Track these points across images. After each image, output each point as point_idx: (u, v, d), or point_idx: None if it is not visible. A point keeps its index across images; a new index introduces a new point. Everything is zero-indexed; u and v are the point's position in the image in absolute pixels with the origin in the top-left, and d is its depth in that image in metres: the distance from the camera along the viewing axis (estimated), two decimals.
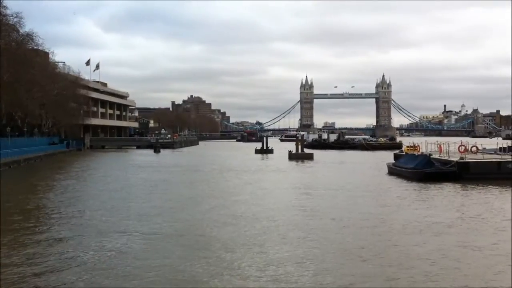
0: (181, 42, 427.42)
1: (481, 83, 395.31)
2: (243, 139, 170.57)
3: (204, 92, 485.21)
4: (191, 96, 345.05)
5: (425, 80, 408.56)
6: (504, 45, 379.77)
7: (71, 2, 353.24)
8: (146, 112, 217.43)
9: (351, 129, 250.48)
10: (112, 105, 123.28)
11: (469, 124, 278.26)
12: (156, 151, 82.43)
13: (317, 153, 65.91)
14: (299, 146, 64.03)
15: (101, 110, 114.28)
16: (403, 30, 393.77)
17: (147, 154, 75.09)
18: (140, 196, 26.21)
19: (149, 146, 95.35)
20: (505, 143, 52.05)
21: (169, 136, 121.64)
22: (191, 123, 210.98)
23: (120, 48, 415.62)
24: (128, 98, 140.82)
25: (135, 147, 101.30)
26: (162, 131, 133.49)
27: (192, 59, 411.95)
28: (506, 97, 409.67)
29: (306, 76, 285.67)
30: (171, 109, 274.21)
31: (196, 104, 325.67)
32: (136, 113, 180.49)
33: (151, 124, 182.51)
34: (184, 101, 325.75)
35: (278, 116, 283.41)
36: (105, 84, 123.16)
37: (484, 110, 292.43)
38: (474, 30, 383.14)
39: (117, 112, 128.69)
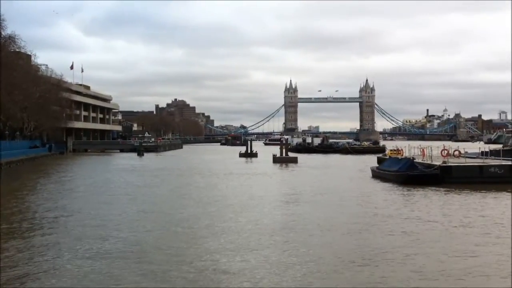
0: (162, 45, 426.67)
1: (462, 88, 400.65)
2: (228, 142, 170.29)
3: (188, 96, 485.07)
4: (175, 99, 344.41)
5: (407, 85, 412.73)
6: (483, 50, 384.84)
7: (50, 4, 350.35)
8: (129, 115, 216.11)
9: (335, 133, 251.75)
10: (95, 108, 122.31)
11: (452, 129, 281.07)
12: (140, 154, 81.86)
13: (301, 157, 66.03)
14: (283, 150, 64.09)
15: (84, 113, 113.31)
16: (383, 35, 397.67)
17: (130, 158, 74.58)
18: (115, 202, 25.96)
19: (132, 149, 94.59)
20: (487, 148, 52.66)
21: (152, 139, 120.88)
22: (175, 126, 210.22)
23: (101, 52, 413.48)
24: (111, 101, 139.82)
25: (119, 151, 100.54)
26: (145, 135, 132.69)
27: (175, 62, 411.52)
28: (487, 102, 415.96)
29: (290, 80, 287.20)
30: (155, 112, 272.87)
31: (180, 107, 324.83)
32: (120, 117, 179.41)
33: (135, 127, 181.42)
34: (168, 105, 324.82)
35: (262, 120, 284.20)
36: (88, 87, 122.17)
37: (466, 115, 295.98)
38: (454, 35, 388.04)
39: (100, 115, 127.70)
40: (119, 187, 32.67)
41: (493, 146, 58.40)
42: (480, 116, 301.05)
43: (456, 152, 42.31)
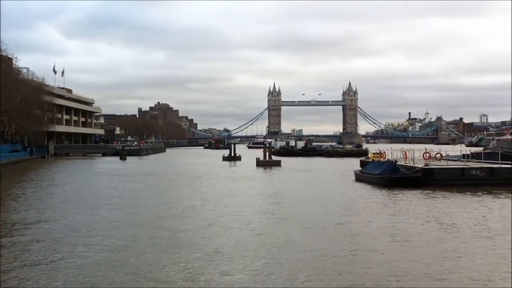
0: (145, 48, 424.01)
1: (443, 91, 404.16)
2: (211, 146, 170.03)
3: (171, 99, 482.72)
4: (158, 103, 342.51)
5: (390, 88, 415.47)
6: (463, 54, 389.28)
7: (31, 7, 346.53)
8: (112, 119, 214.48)
9: (318, 136, 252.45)
10: (77, 111, 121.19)
11: (433, 132, 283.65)
12: (122, 158, 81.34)
13: (284, 160, 66.17)
14: (267, 153, 64.17)
15: (65, 117, 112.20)
16: (365, 38, 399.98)
17: (113, 162, 74.04)
18: (94, 207, 25.74)
19: (115, 153, 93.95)
20: (468, 150, 53.34)
21: (135, 143, 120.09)
22: (158, 130, 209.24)
23: (83, 55, 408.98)
24: (93, 104, 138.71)
25: (101, 155, 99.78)
26: (128, 138, 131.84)
27: (157, 65, 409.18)
28: (468, 105, 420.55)
29: (274, 83, 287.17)
30: (137, 116, 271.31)
31: (163, 111, 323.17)
32: (102, 120, 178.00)
33: (117, 131, 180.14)
34: (151, 108, 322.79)
35: (246, 123, 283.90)
36: (70, 91, 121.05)
37: (447, 118, 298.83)
38: (434, 38, 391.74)
39: (82, 119, 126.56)
40: (100, 193, 32.36)
41: (474, 149, 59.19)
42: (461, 119, 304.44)
43: (438, 155, 42.82)
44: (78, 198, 28.44)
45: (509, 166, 34.59)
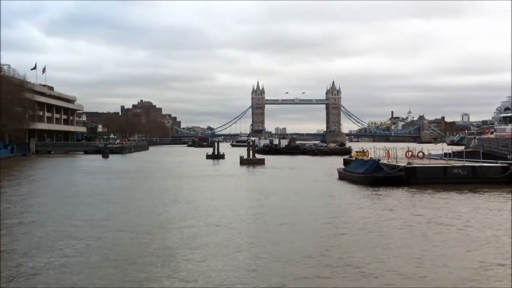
0: (126, 47, 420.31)
1: (425, 91, 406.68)
2: (194, 144, 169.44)
3: (154, 97, 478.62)
4: (141, 100, 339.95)
5: (372, 88, 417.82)
6: (442, 55, 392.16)
7: (11, 4, 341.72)
8: (94, 116, 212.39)
9: (302, 134, 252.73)
10: (59, 109, 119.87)
11: (416, 130, 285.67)
12: (105, 156, 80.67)
13: (268, 158, 66.16)
14: (251, 151, 64.09)
15: (47, 114, 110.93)
16: (346, 39, 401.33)
17: (95, 160, 73.39)
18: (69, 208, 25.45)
19: (97, 151, 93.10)
20: (450, 149, 53.77)
21: (118, 141, 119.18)
22: (141, 128, 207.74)
23: (64, 53, 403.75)
24: (75, 102, 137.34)
25: (83, 152, 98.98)
26: (111, 136, 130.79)
27: (139, 64, 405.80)
28: (450, 105, 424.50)
29: (258, 82, 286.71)
30: (120, 113, 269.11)
31: (146, 108, 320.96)
32: (84, 118, 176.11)
33: (100, 129, 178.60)
34: (134, 106, 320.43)
35: (230, 122, 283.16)
36: (51, 88, 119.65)
37: (429, 117, 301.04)
38: (415, 40, 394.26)
39: (64, 117, 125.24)
40: (81, 192, 32.02)
41: (456, 148, 59.70)
42: (443, 118, 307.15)
43: (420, 154, 43.06)
44: (59, 197, 28.09)
45: (491, 164, 34.96)
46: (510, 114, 58.68)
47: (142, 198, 27.51)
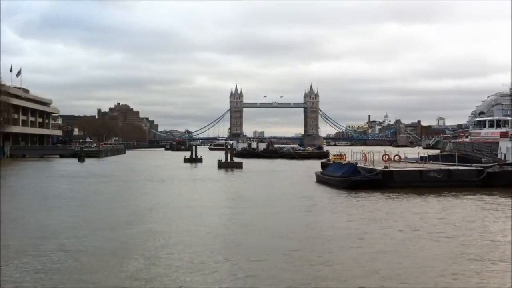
0: (102, 49, 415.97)
1: (401, 95, 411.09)
2: (172, 147, 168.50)
3: (131, 100, 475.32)
4: (118, 103, 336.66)
5: (350, 91, 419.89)
6: (418, 59, 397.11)
7: None
8: (70, 119, 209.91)
9: (280, 138, 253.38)
10: (34, 112, 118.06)
11: (392, 134, 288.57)
12: (81, 160, 79.65)
13: (246, 162, 66.06)
14: (229, 155, 63.92)
15: (22, 117, 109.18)
16: (323, 42, 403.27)
17: (70, 163, 72.38)
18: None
19: (73, 155, 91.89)
20: (426, 152, 54.35)
21: (94, 144, 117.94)
22: (118, 131, 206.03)
23: (39, 55, 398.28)
24: (51, 105, 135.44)
25: (58, 156, 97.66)
26: (87, 140, 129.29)
27: (116, 66, 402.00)
28: (425, 109, 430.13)
29: (236, 85, 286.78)
30: (97, 117, 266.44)
31: (123, 112, 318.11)
32: (60, 121, 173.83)
33: (76, 132, 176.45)
34: (110, 109, 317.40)
35: (208, 125, 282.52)
36: (27, 91, 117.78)
37: (406, 121, 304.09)
38: (390, 44, 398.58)
39: (40, 120, 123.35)
40: (54, 196, 31.51)
41: (432, 151, 60.42)
42: (419, 122, 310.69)
43: (397, 157, 43.39)
44: (32, 202, 27.59)
45: (466, 168, 35.40)
46: (484, 118, 59.60)
47: (112, 205, 27.15)
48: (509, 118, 59.86)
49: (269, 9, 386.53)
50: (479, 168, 34.92)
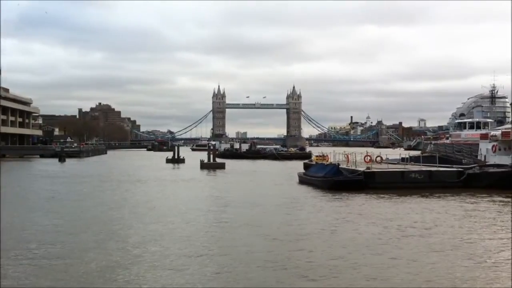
0: (82, 48, 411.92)
1: (382, 97, 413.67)
2: (154, 148, 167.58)
3: (113, 100, 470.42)
4: (99, 103, 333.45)
5: (332, 93, 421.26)
6: (397, 61, 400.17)
7: None
8: (51, 119, 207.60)
9: (262, 139, 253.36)
10: (14, 111, 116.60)
11: (374, 135, 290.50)
12: (61, 160, 78.79)
13: (229, 163, 65.92)
14: (211, 156, 63.73)
15: (2, 117, 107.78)
16: (303, 44, 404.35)
17: (51, 164, 71.54)
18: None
19: (53, 155, 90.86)
20: (407, 154, 54.78)
21: (75, 144, 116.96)
22: (100, 131, 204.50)
23: (18, 54, 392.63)
24: (31, 104, 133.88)
25: (39, 156, 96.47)
26: (68, 140, 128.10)
27: (96, 66, 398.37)
28: (406, 110, 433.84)
29: (219, 86, 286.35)
30: (78, 116, 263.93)
31: (104, 111, 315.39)
32: (40, 121, 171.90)
33: (56, 132, 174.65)
34: (92, 109, 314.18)
35: (190, 126, 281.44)
36: (6, 90, 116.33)
37: (387, 122, 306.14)
38: (369, 46, 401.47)
39: (20, 119, 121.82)
40: (30, 198, 31.10)
41: (413, 152, 60.92)
42: (400, 123, 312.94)
43: (378, 158, 43.72)
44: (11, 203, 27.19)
45: (447, 169, 35.73)
46: (464, 120, 60.34)
47: (89, 206, 26.88)
48: (489, 120, 60.89)
49: (249, 10, 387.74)
50: (459, 169, 35.29)
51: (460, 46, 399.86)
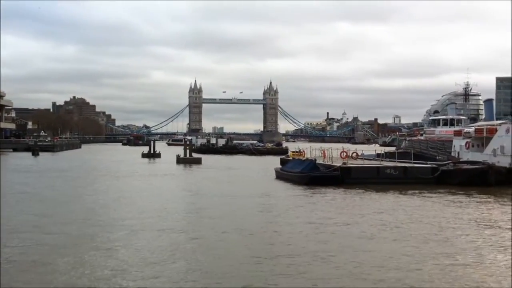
0: (55, 42, 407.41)
1: (358, 93, 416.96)
2: (130, 142, 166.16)
3: (88, 94, 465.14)
4: (74, 97, 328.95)
5: (307, 89, 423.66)
6: (370, 59, 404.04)
7: None
8: (24, 113, 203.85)
9: (239, 134, 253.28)
10: None
11: (350, 131, 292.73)
12: (35, 154, 77.66)
13: (205, 158, 65.72)
14: (187, 151, 63.45)
15: None
16: (278, 40, 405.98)
17: (24, 157, 70.42)
18: None
19: (27, 149, 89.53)
20: (382, 150, 55.37)
21: (49, 138, 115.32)
22: (74, 125, 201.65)
23: None
24: (4, 98, 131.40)
25: (11, 150, 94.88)
26: (41, 133, 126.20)
27: (70, 59, 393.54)
28: (381, 107, 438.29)
29: (195, 81, 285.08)
30: (51, 110, 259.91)
31: (79, 105, 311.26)
32: (13, 114, 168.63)
33: (30, 125, 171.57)
34: (66, 102, 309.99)
35: (166, 120, 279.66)
36: None
37: (363, 118, 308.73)
38: (343, 43, 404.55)
39: None
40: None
41: (388, 149, 61.64)
42: (376, 120, 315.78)
43: (354, 154, 44.11)
44: None
45: (421, 165, 36.18)
46: (438, 117, 61.11)
47: (61, 202, 26.55)
48: (463, 117, 61.74)
49: (223, 6, 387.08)
50: (433, 165, 35.74)
51: (433, 45, 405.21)
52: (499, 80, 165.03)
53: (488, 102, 57.60)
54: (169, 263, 13.07)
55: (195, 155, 66.90)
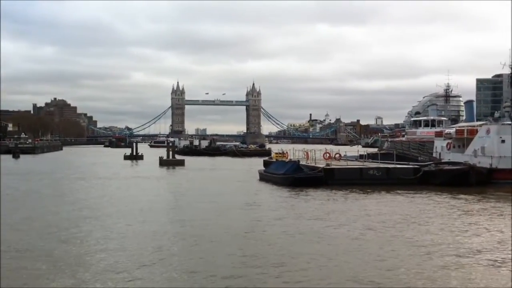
0: (31, 42, 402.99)
1: (340, 95, 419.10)
2: (112, 144, 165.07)
3: (68, 95, 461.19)
4: (55, 98, 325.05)
5: (290, 90, 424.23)
6: (349, 60, 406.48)
7: None
8: (4, 114, 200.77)
9: (222, 135, 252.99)
10: None
11: (333, 133, 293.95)
12: (15, 156, 76.77)
13: (188, 160, 65.48)
14: (170, 152, 63.15)
15: None
16: (259, 41, 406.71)
17: (4, 160, 69.46)
18: None
19: (7, 151, 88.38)
20: (365, 151, 55.74)
21: (29, 140, 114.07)
22: (55, 127, 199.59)
23: None
24: None
25: None
26: (22, 135, 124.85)
27: (48, 60, 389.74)
28: (363, 108, 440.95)
29: (178, 82, 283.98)
30: (32, 112, 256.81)
31: (60, 107, 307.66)
32: None
33: (10, 127, 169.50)
34: (47, 104, 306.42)
35: (148, 122, 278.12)
36: None
37: (345, 120, 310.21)
38: (322, 44, 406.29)
39: None
40: None
41: (370, 150, 62.05)
42: (358, 121, 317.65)
43: (337, 155, 44.29)
44: None
45: (404, 166, 36.47)
46: (420, 118, 61.72)
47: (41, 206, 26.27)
48: (444, 118, 62.46)
49: (202, 6, 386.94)
50: (416, 166, 36.04)
51: (412, 46, 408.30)
52: (479, 82, 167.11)
53: (468, 103, 58.33)
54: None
55: (178, 157, 66.65)
